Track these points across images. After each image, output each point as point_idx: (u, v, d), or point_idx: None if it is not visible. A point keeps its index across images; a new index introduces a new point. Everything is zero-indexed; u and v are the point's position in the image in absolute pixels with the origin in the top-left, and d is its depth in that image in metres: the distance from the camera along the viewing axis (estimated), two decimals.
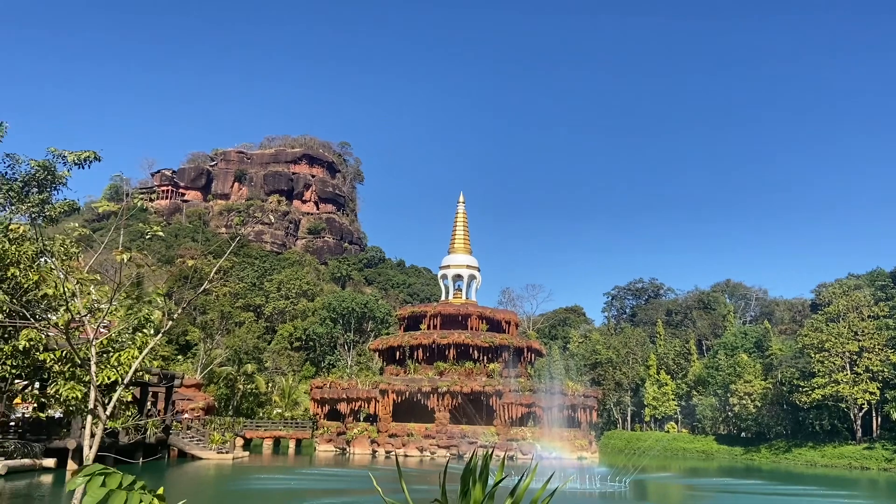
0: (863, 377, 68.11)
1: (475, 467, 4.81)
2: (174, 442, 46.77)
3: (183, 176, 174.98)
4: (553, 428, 59.85)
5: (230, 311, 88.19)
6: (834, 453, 68.87)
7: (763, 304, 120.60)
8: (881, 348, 68.24)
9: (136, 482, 3.89)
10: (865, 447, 67.60)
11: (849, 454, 67.54)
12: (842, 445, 70.13)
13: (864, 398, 67.78)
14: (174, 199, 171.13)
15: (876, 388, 67.28)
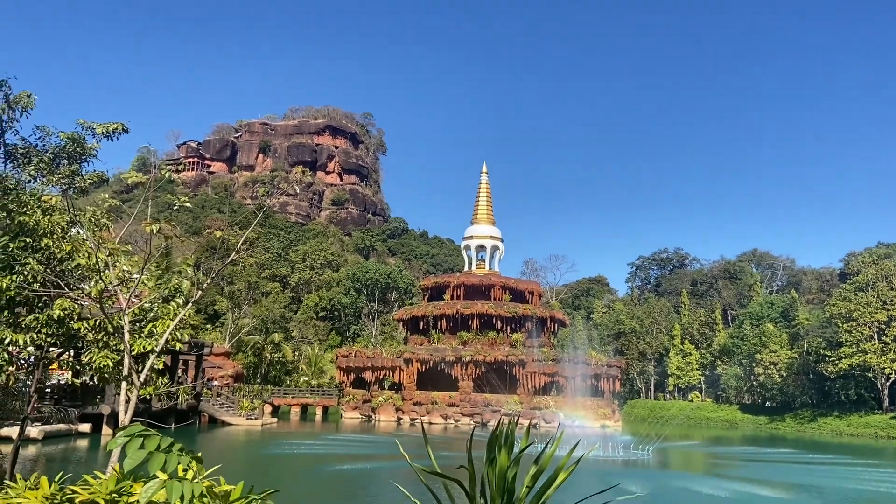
0: (891, 347, 67.34)
1: (501, 435, 4.88)
2: (205, 408, 47.85)
3: (208, 148, 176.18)
4: (576, 397, 60.13)
5: (257, 281, 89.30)
6: (860, 423, 68.43)
7: (790, 273, 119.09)
8: None
9: (173, 445, 4.02)
10: (892, 417, 67.07)
11: (875, 423, 67.08)
12: (868, 415, 69.63)
13: (892, 368, 67.09)
14: (200, 170, 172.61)
15: None
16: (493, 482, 4.61)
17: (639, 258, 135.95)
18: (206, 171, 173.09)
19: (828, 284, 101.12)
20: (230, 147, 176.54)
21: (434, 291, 72.00)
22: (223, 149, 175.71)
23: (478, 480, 4.65)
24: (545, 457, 4.88)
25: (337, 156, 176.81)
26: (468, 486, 4.61)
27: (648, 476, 27.34)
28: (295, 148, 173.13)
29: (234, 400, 50.62)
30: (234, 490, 4.53)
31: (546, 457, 4.87)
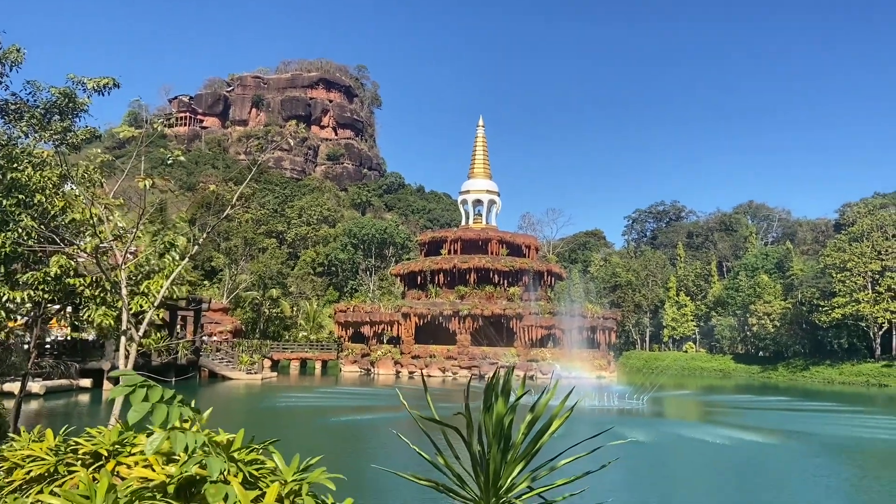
0: (884, 296, 67.97)
1: (497, 383, 4.94)
2: (204, 363, 48.35)
3: (200, 102, 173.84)
4: (572, 349, 60.84)
5: (253, 237, 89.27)
6: (852, 371, 69.52)
7: (786, 224, 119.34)
8: None
9: (175, 396, 4.06)
10: (884, 365, 68.10)
11: (867, 372, 68.15)
12: (860, 363, 70.70)
13: (885, 317, 67.87)
14: (192, 125, 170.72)
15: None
16: (489, 429, 4.69)
17: (635, 211, 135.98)
18: (198, 126, 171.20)
19: (823, 235, 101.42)
20: (223, 101, 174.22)
21: (431, 246, 72.11)
22: (215, 103, 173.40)
23: (475, 428, 4.74)
24: (541, 404, 4.97)
25: (331, 110, 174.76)
26: (465, 433, 4.70)
27: (643, 424, 27.87)
28: (288, 102, 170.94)
29: (233, 355, 51.11)
30: (235, 439, 4.60)
31: (542, 404, 4.95)
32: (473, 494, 4.97)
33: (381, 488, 14.51)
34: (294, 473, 4.31)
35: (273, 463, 4.47)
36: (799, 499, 15.30)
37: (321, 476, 4.35)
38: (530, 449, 5.10)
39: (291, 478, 4.25)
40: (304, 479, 4.28)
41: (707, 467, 19.52)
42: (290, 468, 4.34)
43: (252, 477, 4.21)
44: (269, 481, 4.19)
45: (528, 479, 5.07)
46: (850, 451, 22.17)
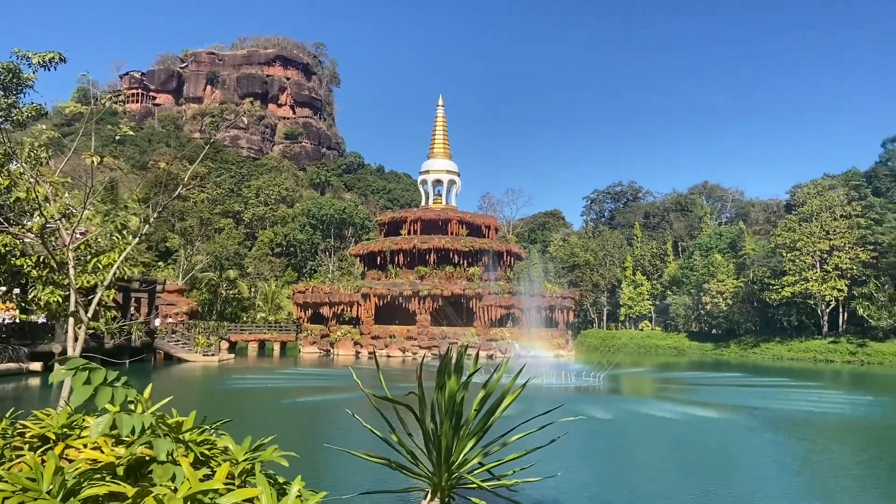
0: (832, 275, 70.24)
1: (450, 361, 4.99)
2: (160, 345, 47.55)
3: (153, 78, 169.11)
4: (531, 328, 61.51)
5: (209, 217, 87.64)
6: (800, 347, 71.87)
7: (739, 205, 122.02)
8: (851, 247, 70.04)
9: (119, 378, 4.00)
10: (831, 341, 70.55)
11: (814, 348, 70.54)
12: (808, 340, 73.12)
13: (832, 295, 70.21)
14: (145, 102, 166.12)
15: (844, 285, 69.60)
16: (442, 406, 4.75)
17: (594, 192, 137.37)
18: (151, 104, 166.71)
19: (774, 215, 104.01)
20: (176, 78, 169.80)
21: (391, 226, 71.84)
22: (169, 80, 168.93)
23: (428, 405, 4.79)
24: (493, 382, 5.04)
25: (289, 87, 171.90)
26: (418, 411, 4.75)
27: (599, 401, 28.41)
28: (244, 79, 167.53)
29: (189, 337, 50.37)
30: (186, 421, 4.56)
31: (493, 382, 5.03)
32: (426, 471, 5.04)
33: (336, 467, 14.54)
34: (246, 453, 4.30)
35: (225, 443, 4.46)
36: (750, 472, 15.84)
37: (274, 455, 4.35)
38: (482, 425, 5.18)
39: (243, 457, 4.24)
40: (256, 458, 4.28)
41: (660, 442, 20.03)
42: (241, 448, 4.33)
43: (203, 457, 4.19)
44: (220, 461, 4.17)
45: (480, 454, 5.16)
46: (799, 425, 22.96)
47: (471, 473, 4.67)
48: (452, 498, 4.74)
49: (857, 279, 69.81)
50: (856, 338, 69.04)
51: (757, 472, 15.88)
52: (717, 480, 14.69)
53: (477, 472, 4.72)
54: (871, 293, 67.32)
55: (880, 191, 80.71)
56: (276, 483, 4.11)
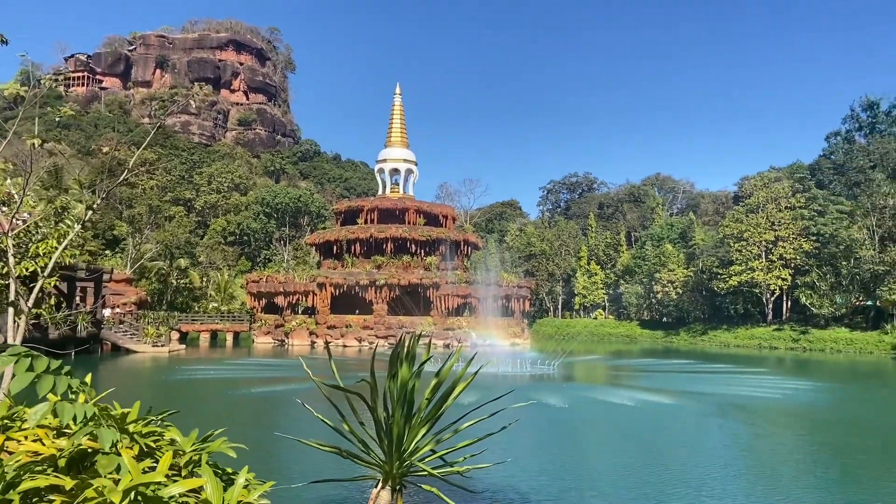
0: (776, 264, 72.45)
1: (403, 350, 4.98)
2: (107, 336, 46.35)
3: (99, 61, 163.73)
4: (488, 317, 61.90)
5: (158, 204, 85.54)
6: (746, 335, 74.04)
7: (690, 196, 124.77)
8: (795, 237, 72.34)
9: (62, 367, 3.88)
10: (775, 329, 72.85)
11: (759, 335, 72.75)
12: (753, 327, 75.38)
13: (777, 284, 72.45)
14: (91, 86, 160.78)
15: (788, 274, 71.88)
16: (394, 394, 4.75)
17: (550, 182, 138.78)
18: (97, 87, 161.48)
19: (723, 207, 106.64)
20: (124, 61, 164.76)
21: (347, 215, 71.25)
22: (116, 63, 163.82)
23: (380, 394, 4.77)
24: (445, 370, 5.06)
25: (242, 73, 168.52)
26: (370, 399, 4.73)
27: (553, 388, 28.79)
28: (196, 63, 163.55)
29: (138, 327, 49.20)
30: (131, 412, 4.44)
31: (445, 370, 5.04)
32: (377, 459, 5.03)
33: (286, 458, 14.43)
34: (193, 444, 4.21)
35: (172, 435, 4.36)
36: (699, 455, 16.27)
37: (222, 446, 4.27)
38: (434, 413, 5.20)
39: (190, 448, 4.16)
40: (204, 449, 4.19)
41: (613, 428, 20.43)
42: (188, 439, 4.24)
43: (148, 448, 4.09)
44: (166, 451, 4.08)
45: (431, 442, 5.17)
46: (744, 409, 23.66)
47: (423, 461, 4.68)
48: (404, 485, 4.74)
49: (801, 269, 72.19)
50: (798, 325, 71.43)
51: (707, 454, 16.34)
52: (668, 464, 15.05)
53: (429, 459, 4.73)
54: (814, 282, 69.68)
55: (823, 183, 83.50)
56: (223, 473, 4.04)
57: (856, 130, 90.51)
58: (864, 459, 15.79)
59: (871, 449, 17.33)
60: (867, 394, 31.41)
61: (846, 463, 15.49)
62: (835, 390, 31.16)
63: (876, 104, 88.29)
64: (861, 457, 16.13)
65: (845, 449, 17.26)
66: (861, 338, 64.63)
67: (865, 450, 17.16)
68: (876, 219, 68.32)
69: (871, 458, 16.03)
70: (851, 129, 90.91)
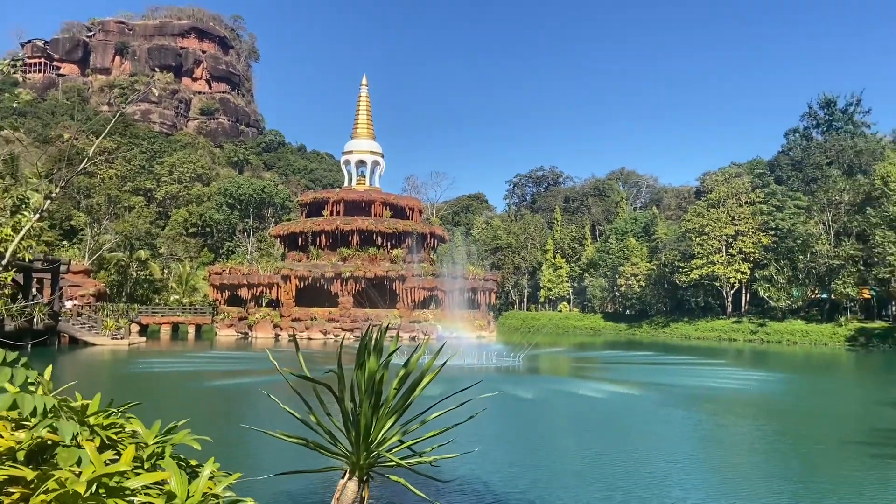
0: (736, 258, 74.01)
1: (370, 341, 4.97)
2: (65, 329, 45.31)
3: (57, 47, 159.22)
4: (454, 310, 62.05)
5: (118, 194, 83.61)
6: (706, 327, 75.54)
7: (653, 191, 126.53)
8: (754, 231, 73.95)
9: (19, 359, 3.79)
10: (734, 321, 74.46)
11: (719, 327, 74.29)
12: (713, 320, 76.96)
13: (736, 277, 74.03)
14: (48, 72, 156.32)
15: (747, 268, 73.49)
16: (361, 385, 4.74)
17: (516, 176, 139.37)
18: (55, 74, 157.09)
19: (685, 201, 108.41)
20: (82, 47, 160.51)
21: (313, 207, 70.68)
22: (74, 49, 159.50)
23: (347, 385, 4.76)
24: (412, 361, 5.06)
25: (204, 61, 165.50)
26: (337, 390, 4.71)
27: (519, 380, 29.03)
28: (157, 51, 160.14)
29: (97, 319, 48.17)
30: (91, 403, 4.36)
31: (413, 361, 5.04)
32: (344, 450, 5.02)
33: (252, 450, 14.31)
34: (156, 436, 4.15)
35: (133, 427, 4.29)
36: (661, 444, 16.57)
37: (185, 438, 4.21)
38: (402, 404, 5.19)
39: (153, 440, 4.10)
40: (167, 441, 4.13)
41: (577, 419, 20.68)
42: (151, 431, 4.17)
43: (110, 441, 4.02)
44: (128, 444, 4.01)
45: (399, 432, 5.18)
46: (704, 400, 24.16)
47: (390, 451, 4.68)
48: (371, 476, 4.74)
49: (759, 262, 73.86)
50: (757, 318, 73.12)
51: (668, 443, 16.65)
52: (631, 454, 15.30)
53: (396, 450, 4.73)
54: (772, 276, 71.37)
55: (782, 179, 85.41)
56: (187, 466, 3.99)
57: (813, 128, 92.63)
58: (823, 449, 16.21)
59: (826, 438, 17.79)
60: (823, 385, 32.33)
61: (805, 452, 15.89)
62: (792, 381, 31.98)
63: (833, 102, 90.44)
64: (819, 446, 16.55)
65: (804, 438, 17.70)
66: (816, 330, 66.42)
67: (822, 439, 17.62)
68: (831, 214, 70.17)
69: (829, 448, 16.45)
70: (809, 126, 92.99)
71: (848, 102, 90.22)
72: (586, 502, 11.15)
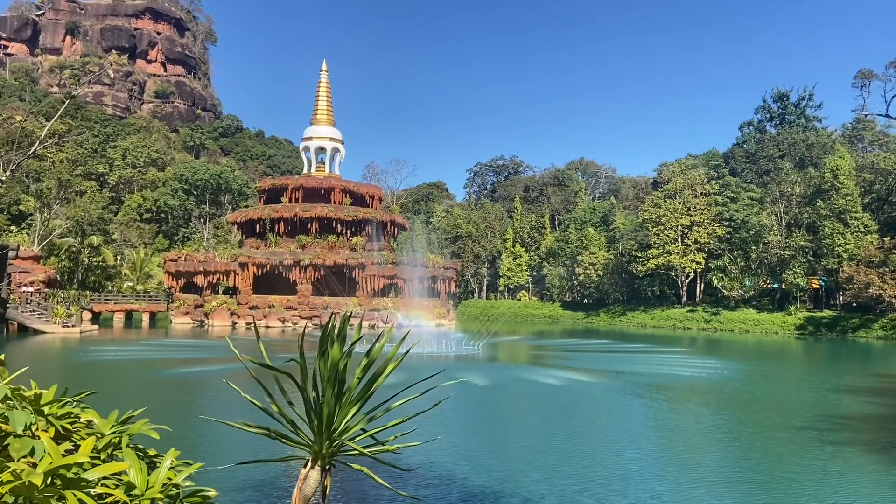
0: (691, 248, 75.61)
1: (333, 329, 4.93)
2: (13, 316, 43.98)
3: (4, 26, 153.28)
4: (414, 298, 62.04)
5: (69, 179, 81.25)
6: (662, 315, 77.09)
7: (611, 181, 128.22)
8: (709, 222, 75.61)
9: None
10: (689, 310, 76.15)
11: (674, 316, 75.90)
12: (669, 309, 78.58)
13: (691, 267, 75.65)
14: None
15: (702, 258, 75.16)
16: (324, 374, 4.69)
17: (477, 164, 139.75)
18: (2, 53, 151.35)
19: (643, 192, 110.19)
20: (31, 26, 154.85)
21: (271, 194, 69.71)
22: (23, 27, 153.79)
23: (309, 374, 4.71)
24: (375, 350, 5.04)
25: (160, 43, 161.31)
26: (300, 379, 4.67)
27: (478, 368, 29.20)
28: (109, 31, 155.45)
29: (46, 307, 46.86)
30: (46, 393, 4.24)
31: (376, 350, 5.02)
32: (307, 439, 4.98)
33: (211, 440, 14.11)
34: (112, 426, 4.06)
35: (89, 417, 4.18)
36: (618, 430, 16.88)
37: (143, 427, 4.12)
38: (364, 392, 5.17)
39: (109, 430, 4.00)
40: (125, 431, 4.04)
41: (536, 406, 20.92)
42: (107, 421, 4.07)
43: (65, 431, 3.91)
44: (84, 434, 3.92)
45: (362, 421, 5.16)
46: (661, 387, 24.65)
47: (353, 440, 4.66)
48: (333, 465, 4.72)
49: (714, 252, 75.60)
50: (710, 307, 74.92)
51: (624, 428, 16.97)
52: (592, 442, 15.55)
53: (359, 438, 4.72)
54: (725, 266, 73.13)
55: (736, 171, 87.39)
56: (146, 456, 3.91)
57: (767, 121, 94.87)
58: (784, 437, 16.53)
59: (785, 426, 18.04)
60: (776, 372, 33.20)
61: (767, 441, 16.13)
62: (746, 369, 32.79)
63: (786, 96, 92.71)
64: (780, 435, 16.83)
65: (763, 427, 17.84)
66: (767, 318, 68.37)
67: (781, 427, 17.84)
68: (783, 206, 72.11)
69: (791, 436, 16.66)
70: (763, 119, 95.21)
71: (800, 96, 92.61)
72: (547, 489, 11.30)
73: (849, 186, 65.53)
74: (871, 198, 69.73)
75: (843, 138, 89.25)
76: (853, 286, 60.66)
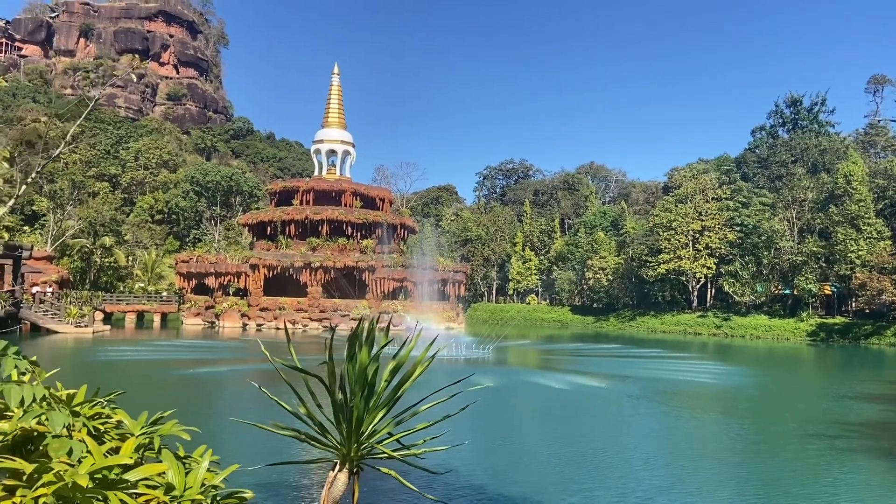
0: (702, 253, 75.23)
1: (362, 333, 4.94)
2: (27, 316, 44.27)
3: (19, 27, 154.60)
4: (423, 301, 62.00)
5: (82, 180, 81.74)
6: (672, 321, 76.70)
7: (622, 185, 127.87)
8: (720, 227, 75.23)
9: (8, 348, 3.68)
10: (699, 315, 75.74)
11: (685, 321, 75.49)
12: (679, 314, 78.14)
13: (702, 272, 75.27)
14: (9, 53, 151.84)
15: (713, 263, 74.76)
16: (352, 377, 4.71)
17: (486, 168, 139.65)
18: (16, 55, 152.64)
19: (653, 196, 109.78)
20: (45, 28, 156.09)
21: (282, 196, 69.92)
22: (37, 29, 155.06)
23: (337, 377, 4.73)
24: (403, 354, 5.05)
25: (172, 45, 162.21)
26: (328, 382, 4.68)
27: (488, 372, 29.16)
28: (123, 34, 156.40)
29: (60, 307, 47.15)
30: (78, 393, 4.26)
31: (404, 354, 5.03)
32: (335, 442, 4.99)
33: (240, 441, 14.09)
34: (142, 427, 4.08)
35: (119, 417, 4.20)
36: (626, 434, 16.81)
37: (174, 428, 4.15)
38: (392, 396, 5.18)
39: (139, 431, 4.02)
40: (155, 431, 4.06)
41: (549, 410, 20.86)
42: (137, 422, 4.10)
43: (97, 431, 3.94)
44: (114, 434, 3.94)
45: (390, 424, 5.16)
46: (669, 392, 24.55)
47: (380, 444, 4.67)
48: (361, 468, 4.72)
49: (725, 258, 75.19)
50: (721, 312, 74.48)
51: (634, 433, 16.89)
52: (606, 445, 15.48)
53: (386, 441, 4.72)
54: (737, 271, 72.70)
55: (748, 176, 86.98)
56: (179, 457, 3.93)
57: (779, 126, 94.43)
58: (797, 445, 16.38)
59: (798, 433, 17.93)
60: (788, 379, 33.01)
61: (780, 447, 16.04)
62: (757, 375, 32.62)
63: (799, 101, 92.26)
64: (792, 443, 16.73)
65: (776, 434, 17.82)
66: (779, 324, 67.90)
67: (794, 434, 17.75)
68: (795, 211, 71.67)
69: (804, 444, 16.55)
70: (775, 124, 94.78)
71: (813, 102, 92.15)
72: (572, 492, 11.25)
73: (862, 192, 65.09)
74: (885, 204, 69.19)
75: (855, 144, 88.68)
76: (866, 293, 60.20)
